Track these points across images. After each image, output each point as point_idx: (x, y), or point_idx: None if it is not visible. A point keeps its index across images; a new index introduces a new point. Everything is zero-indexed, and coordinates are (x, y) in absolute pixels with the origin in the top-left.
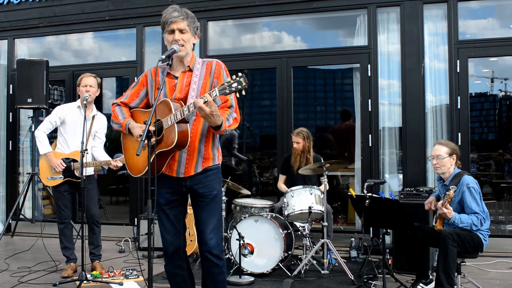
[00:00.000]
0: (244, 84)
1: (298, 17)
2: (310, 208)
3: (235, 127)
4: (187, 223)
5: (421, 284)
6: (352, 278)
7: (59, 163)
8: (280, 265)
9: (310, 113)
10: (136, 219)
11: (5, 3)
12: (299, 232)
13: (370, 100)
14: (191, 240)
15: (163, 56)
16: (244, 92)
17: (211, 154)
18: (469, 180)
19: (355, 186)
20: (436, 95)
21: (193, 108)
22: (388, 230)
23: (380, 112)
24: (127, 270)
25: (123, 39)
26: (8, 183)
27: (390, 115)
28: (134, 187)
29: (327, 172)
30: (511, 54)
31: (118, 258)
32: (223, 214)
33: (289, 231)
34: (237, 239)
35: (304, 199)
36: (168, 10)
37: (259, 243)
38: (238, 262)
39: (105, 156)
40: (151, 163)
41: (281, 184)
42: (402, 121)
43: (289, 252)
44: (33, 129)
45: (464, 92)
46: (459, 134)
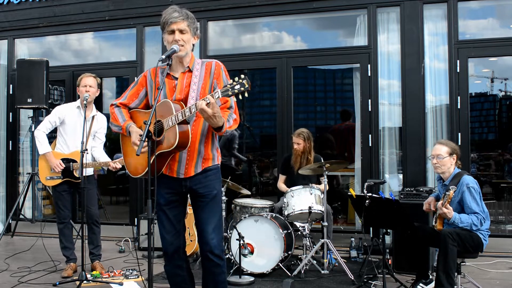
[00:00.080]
0: (247, 86)
1: (298, 17)
2: (310, 208)
3: (234, 128)
4: (187, 223)
5: (421, 284)
6: (352, 278)
7: (58, 163)
8: (280, 265)
9: (310, 113)
10: (136, 219)
11: (5, 3)
12: (299, 232)
13: (370, 100)
14: (191, 240)
15: (163, 56)
16: (247, 94)
17: (210, 155)
18: (469, 180)
19: (355, 186)
20: (436, 95)
21: (194, 109)
22: (388, 230)
23: (380, 112)
24: (127, 270)
25: (123, 39)
26: (8, 183)
27: (390, 115)
28: (134, 187)
29: (327, 172)
30: (511, 54)
31: (118, 258)
32: (223, 214)
33: (289, 231)
34: (237, 239)
35: (304, 199)
36: (168, 11)
37: (259, 243)
38: (238, 262)
39: (104, 157)
40: (151, 163)
41: (281, 184)
42: (402, 121)
43: (289, 252)
44: (33, 129)
45: (464, 92)
46: (459, 134)
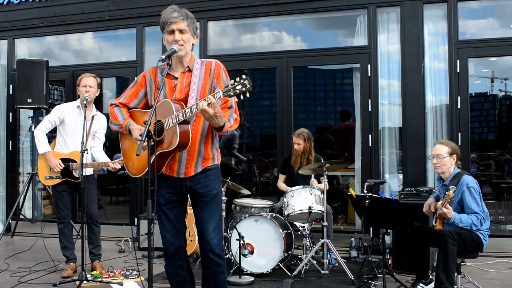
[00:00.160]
0: (248, 87)
1: (298, 17)
2: (310, 208)
3: (235, 128)
4: (187, 223)
5: (421, 284)
6: (352, 278)
7: (58, 163)
8: (280, 265)
9: (310, 113)
10: (136, 219)
11: (5, 3)
12: (299, 232)
13: (370, 100)
14: (191, 240)
15: (163, 56)
16: (248, 94)
17: (210, 154)
18: (469, 180)
19: (355, 186)
20: (436, 95)
21: (195, 109)
22: (388, 230)
23: (380, 112)
24: (127, 270)
25: (123, 39)
26: (8, 183)
27: (390, 115)
28: (134, 187)
29: (327, 172)
30: (511, 54)
31: (118, 258)
32: (223, 214)
33: (289, 231)
34: (237, 239)
35: (304, 199)
36: (167, 11)
37: (259, 243)
38: (238, 262)
39: (104, 157)
40: (151, 163)
41: (281, 184)
42: (402, 121)
43: (289, 252)
44: (33, 129)
45: (464, 92)
46: (459, 134)
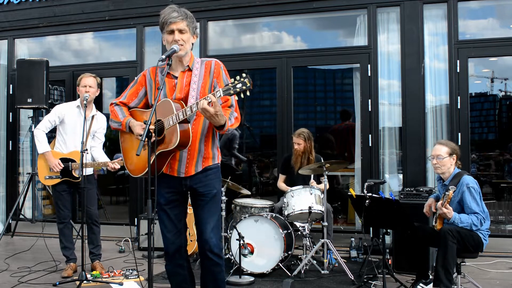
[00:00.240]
0: (249, 85)
1: (298, 17)
2: (310, 208)
3: (236, 126)
4: (187, 223)
5: (421, 284)
6: (352, 278)
7: (57, 163)
8: (280, 265)
9: (310, 113)
10: (136, 219)
11: (5, 3)
12: (299, 232)
13: (370, 100)
14: (191, 240)
15: (163, 56)
16: (249, 93)
17: (211, 153)
18: (469, 180)
19: (355, 186)
20: (436, 95)
21: (195, 108)
22: (388, 230)
23: (380, 112)
24: (127, 270)
25: (123, 39)
26: (8, 183)
27: (390, 115)
28: (134, 187)
29: (327, 172)
30: (511, 54)
31: (118, 258)
32: (222, 213)
33: (289, 231)
34: (237, 239)
35: (304, 199)
36: (166, 11)
37: (259, 243)
38: (238, 262)
39: (104, 157)
40: (151, 163)
41: (281, 183)
42: (402, 121)
43: (289, 252)
44: (33, 129)
45: (464, 92)
46: (459, 134)
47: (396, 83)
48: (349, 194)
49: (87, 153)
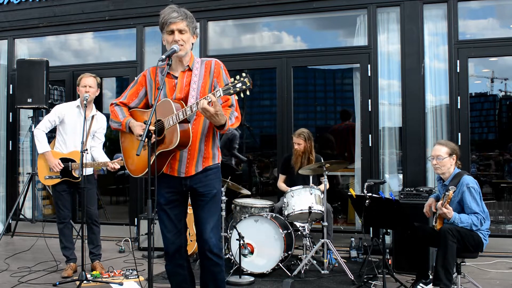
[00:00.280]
0: (249, 84)
1: (298, 17)
2: (310, 208)
3: (236, 126)
4: (187, 223)
5: (421, 284)
6: (352, 278)
7: (57, 163)
8: (280, 265)
9: (310, 113)
10: (136, 219)
11: (5, 3)
12: (299, 232)
13: (370, 100)
14: (191, 240)
15: (163, 56)
16: (249, 92)
17: (211, 153)
18: (469, 180)
19: (355, 186)
20: (436, 95)
21: (195, 108)
22: (388, 230)
23: (380, 112)
24: (127, 270)
25: (123, 39)
26: (8, 183)
27: (390, 115)
28: (134, 187)
29: (327, 172)
30: (511, 54)
31: (118, 258)
32: (222, 213)
33: (289, 231)
34: (237, 239)
35: (304, 199)
36: (166, 11)
37: (259, 243)
38: (238, 262)
39: (103, 157)
40: (151, 163)
41: (281, 183)
42: (402, 121)
43: (289, 252)
44: (33, 129)
45: (464, 92)
46: (459, 134)
47: (396, 83)
48: (349, 194)
49: (87, 153)
